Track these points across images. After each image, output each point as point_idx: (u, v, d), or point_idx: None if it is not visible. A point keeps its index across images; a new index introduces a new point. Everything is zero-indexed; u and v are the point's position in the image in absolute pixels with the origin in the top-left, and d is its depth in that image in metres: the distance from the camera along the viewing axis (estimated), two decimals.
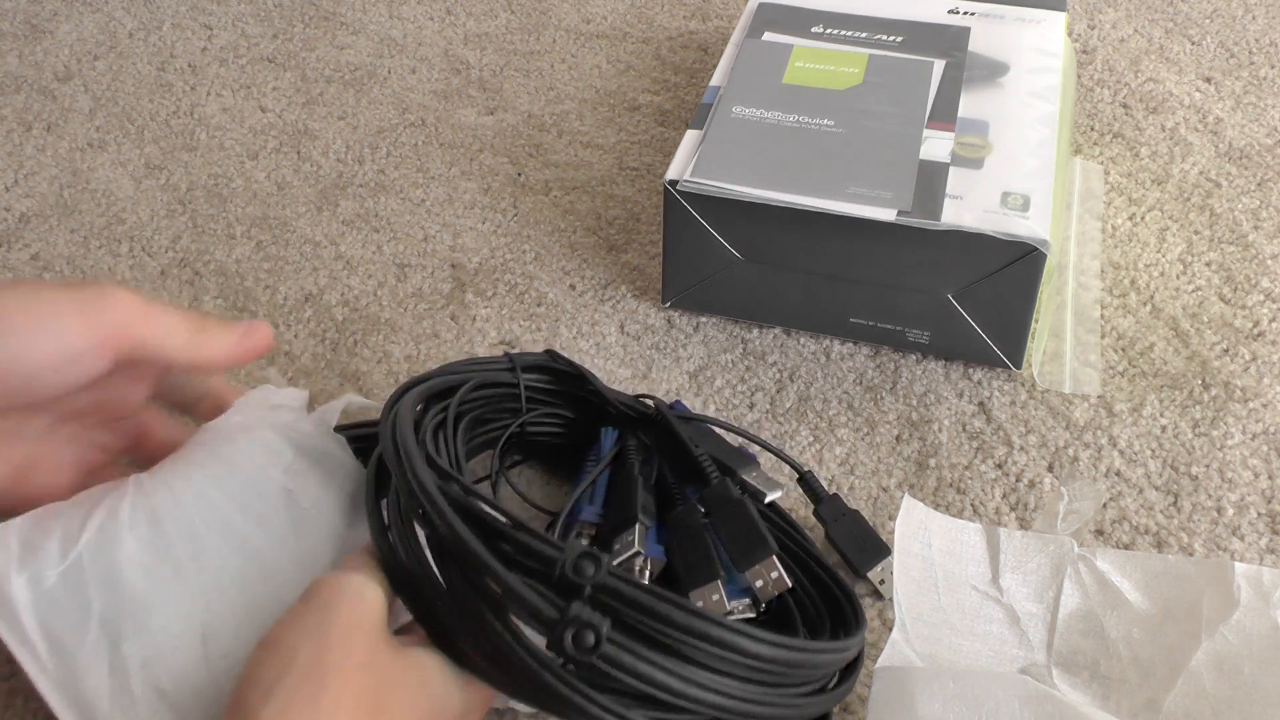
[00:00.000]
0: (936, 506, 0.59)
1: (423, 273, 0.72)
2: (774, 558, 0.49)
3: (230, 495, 0.49)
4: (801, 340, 0.68)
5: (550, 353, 0.58)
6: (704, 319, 0.69)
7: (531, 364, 0.57)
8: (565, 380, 0.58)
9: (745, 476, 0.54)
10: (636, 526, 0.50)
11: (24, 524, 0.47)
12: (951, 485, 0.60)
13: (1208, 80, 0.86)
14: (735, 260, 0.66)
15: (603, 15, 0.95)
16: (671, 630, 0.41)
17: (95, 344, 0.46)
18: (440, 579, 0.44)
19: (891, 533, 0.58)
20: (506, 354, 0.57)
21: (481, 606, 0.42)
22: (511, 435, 0.56)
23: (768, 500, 0.53)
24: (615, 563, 0.49)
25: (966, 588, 0.51)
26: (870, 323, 0.66)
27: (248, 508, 0.49)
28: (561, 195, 0.78)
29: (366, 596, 0.43)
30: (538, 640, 0.41)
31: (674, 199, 0.64)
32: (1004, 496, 0.59)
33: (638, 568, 0.50)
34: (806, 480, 0.57)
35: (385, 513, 0.47)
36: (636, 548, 0.50)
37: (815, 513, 0.57)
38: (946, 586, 0.51)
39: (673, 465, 0.55)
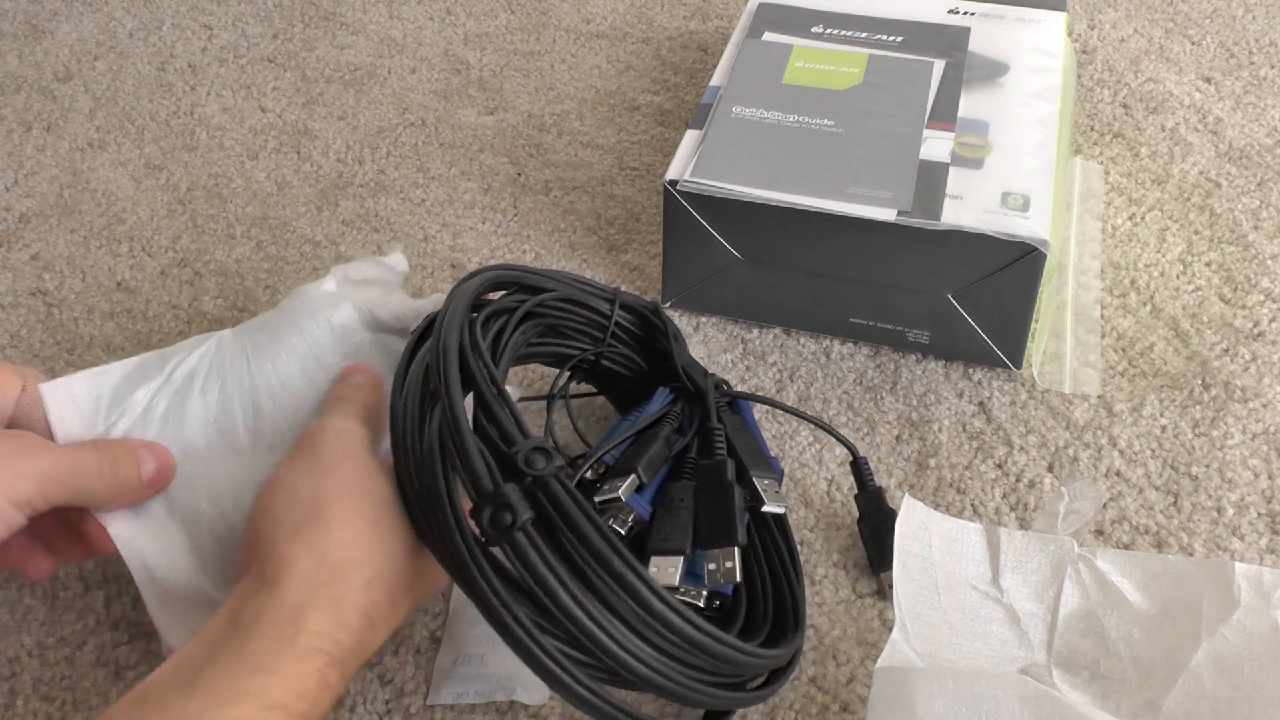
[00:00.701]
0: (936, 506, 0.59)
1: (423, 273, 0.72)
2: (735, 549, 0.49)
3: (297, 372, 0.54)
4: (801, 340, 0.68)
5: (655, 304, 0.60)
6: (704, 319, 0.69)
7: (630, 303, 0.59)
8: (651, 332, 0.59)
9: (756, 480, 0.53)
10: (630, 477, 0.52)
11: (110, 372, 0.52)
12: (951, 485, 0.60)
13: (1208, 80, 0.86)
14: (735, 260, 0.66)
15: (603, 15, 0.95)
16: (581, 549, 0.42)
17: (10, 508, 0.45)
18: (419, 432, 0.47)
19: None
20: (613, 289, 0.59)
21: (437, 462, 0.45)
22: (583, 361, 0.58)
23: (764, 509, 0.52)
24: (597, 500, 0.51)
25: (967, 588, 0.51)
26: (870, 323, 0.66)
27: (313, 382, 0.54)
28: (561, 195, 0.78)
29: (348, 432, 0.49)
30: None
31: (674, 199, 0.64)
32: (1004, 496, 0.59)
33: (617, 516, 0.51)
34: (858, 465, 0.58)
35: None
36: (619, 494, 0.51)
37: (856, 498, 0.57)
38: (947, 586, 0.51)
39: (701, 445, 0.55)
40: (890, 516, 0.56)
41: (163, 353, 0.53)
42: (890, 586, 0.54)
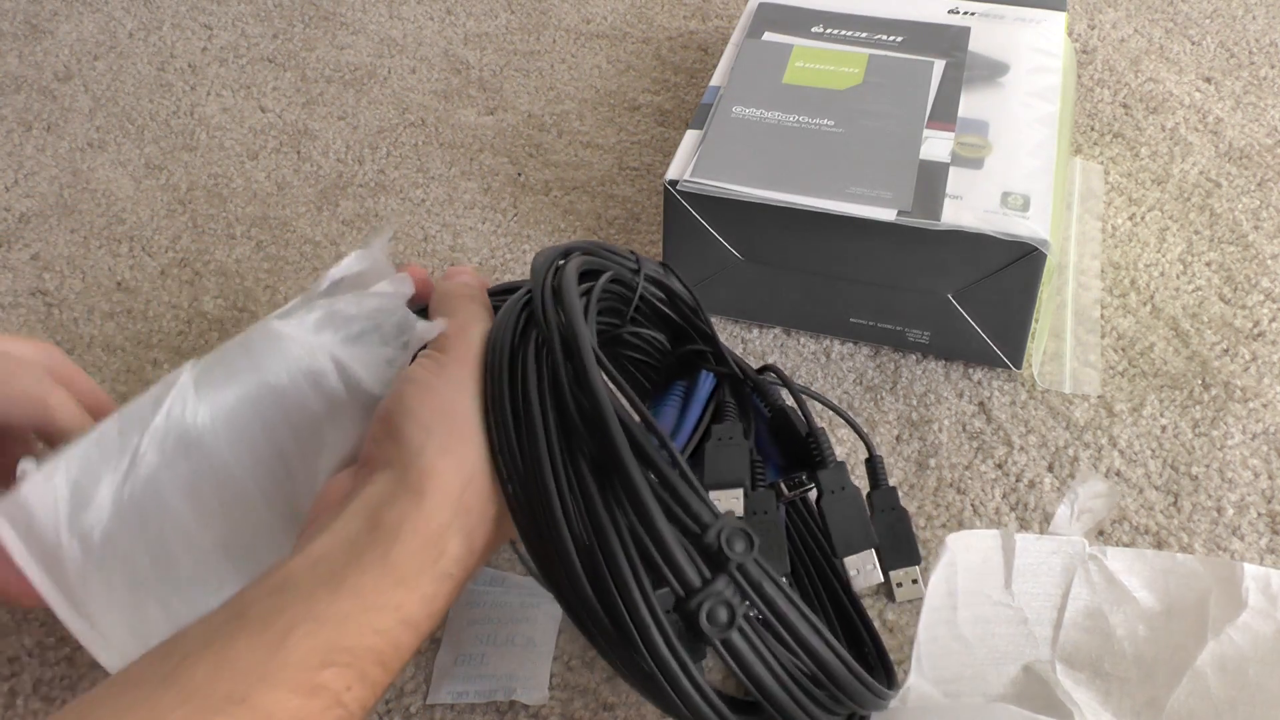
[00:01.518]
0: (936, 506, 0.59)
1: None
2: (873, 551, 0.49)
3: (268, 423, 0.48)
4: (801, 340, 0.68)
5: (667, 266, 0.54)
6: None
7: (657, 276, 0.53)
8: (675, 308, 0.53)
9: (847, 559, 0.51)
10: (740, 490, 0.48)
11: (70, 466, 0.46)
12: (951, 485, 0.60)
13: (1208, 80, 0.86)
14: (735, 260, 0.66)
15: (603, 15, 0.95)
16: (788, 638, 0.39)
17: None
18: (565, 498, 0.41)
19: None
20: (633, 253, 0.52)
21: (628, 574, 0.39)
22: (610, 339, 0.53)
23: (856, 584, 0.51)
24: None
25: (981, 598, 0.51)
26: (870, 323, 0.66)
27: (285, 428, 0.49)
28: (561, 195, 0.78)
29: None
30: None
31: (674, 199, 0.64)
32: (1004, 496, 0.59)
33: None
34: (873, 463, 0.56)
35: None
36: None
37: (868, 496, 0.56)
38: (966, 603, 0.51)
39: (775, 432, 0.53)
40: (903, 512, 0.55)
41: (121, 418, 0.47)
42: (899, 585, 0.54)
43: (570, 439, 0.42)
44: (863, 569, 0.49)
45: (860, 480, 0.58)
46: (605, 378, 0.41)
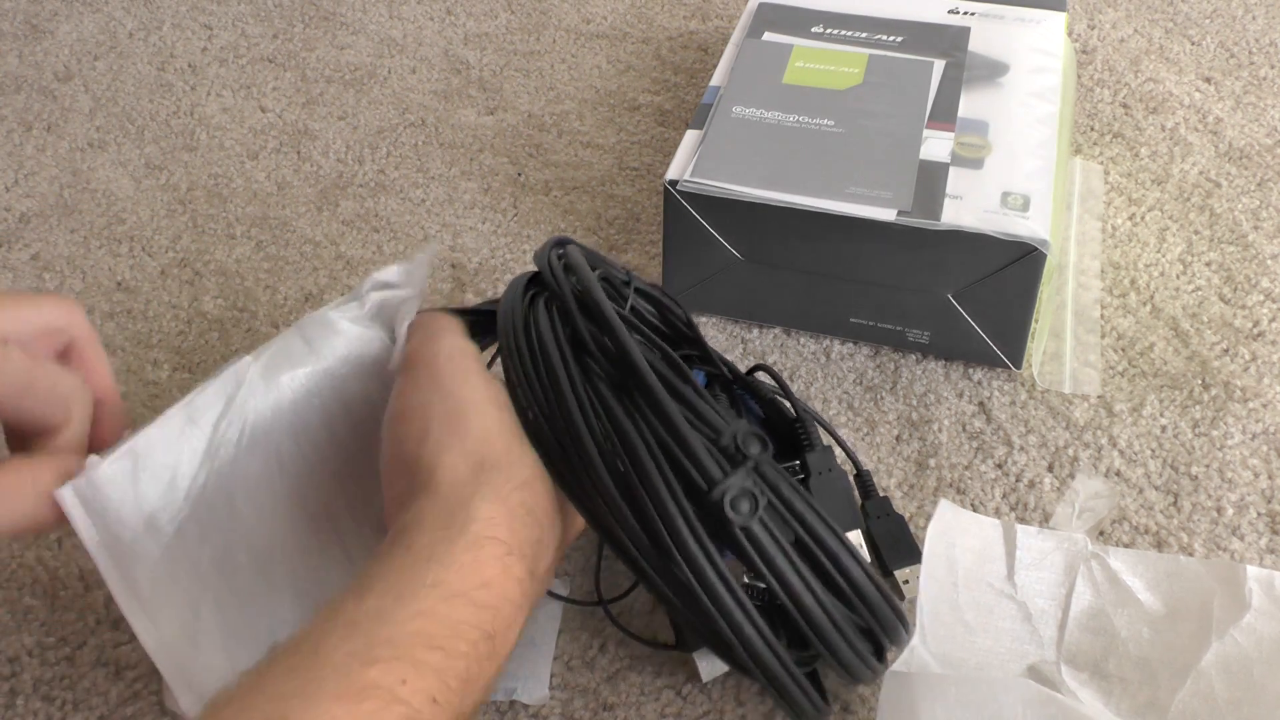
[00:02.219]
0: (936, 506, 0.59)
1: None
2: (859, 531, 0.52)
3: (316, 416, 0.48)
4: (801, 340, 0.68)
5: (662, 291, 0.57)
6: (704, 319, 0.69)
7: (647, 290, 0.55)
8: (667, 321, 0.56)
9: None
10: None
11: (142, 455, 0.45)
12: (951, 485, 0.60)
13: (1208, 80, 0.86)
14: (735, 260, 0.66)
15: (603, 15, 0.95)
16: (801, 530, 0.42)
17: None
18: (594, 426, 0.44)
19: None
20: (626, 270, 0.55)
21: (654, 471, 0.42)
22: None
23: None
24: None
25: (983, 585, 0.51)
26: (870, 323, 0.66)
27: (344, 420, 0.49)
28: (561, 195, 0.78)
29: (463, 350, 0.47)
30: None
31: (674, 199, 0.64)
32: (1004, 496, 0.59)
33: None
34: (862, 477, 0.58)
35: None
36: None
37: (862, 507, 0.57)
38: (966, 584, 0.51)
39: (773, 431, 0.55)
40: (899, 518, 0.56)
41: (189, 408, 0.46)
42: (905, 582, 0.55)
43: (586, 369, 0.44)
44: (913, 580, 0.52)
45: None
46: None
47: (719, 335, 0.68)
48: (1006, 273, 0.61)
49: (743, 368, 0.66)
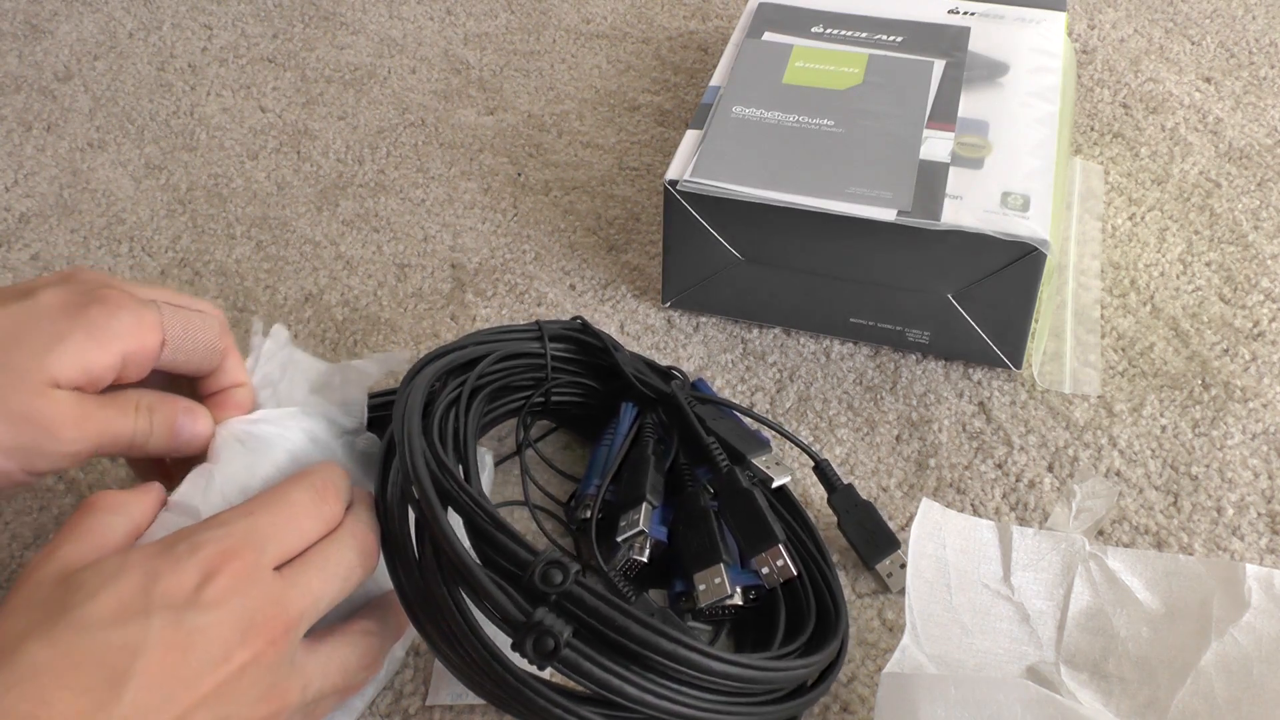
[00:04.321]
0: None
1: (423, 273, 0.72)
2: (780, 546, 0.51)
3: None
4: (801, 340, 0.68)
5: (582, 321, 0.59)
6: (704, 319, 0.69)
7: (559, 333, 0.59)
8: (591, 351, 0.59)
9: (755, 461, 0.55)
10: (643, 506, 0.52)
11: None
12: (951, 485, 0.60)
13: (1208, 80, 0.86)
14: (735, 260, 0.66)
15: (603, 15, 0.95)
16: (629, 643, 0.42)
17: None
18: (417, 557, 0.46)
19: (893, 531, 0.58)
20: (536, 322, 0.58)
21: (448, 598, 0.44)
22: (535, 404, 0.58)
23: (775, 485, 0.55)
24: (619, 539, 0.51)
25: (979, 586, 0.51)
26: (870, 323, 0.66)
27: None
28: (561, 195, 0.78)
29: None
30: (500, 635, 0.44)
31: (674, 199, 0.64)
32: (1004, 496, 0.59)
33: (635, 546, 0.52)
34: (822, 469, 0.58)
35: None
36: (640, 527, 0.52)
37: (829, 501, 0.57)
38: (959, 585, 0.51)
39: (686, 446, 0.56)
40: (868, 506, 0.56)
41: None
42: (889, 575, 0.55)
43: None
44: (772, 566, 0.51)
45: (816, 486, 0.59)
46: (430, 460, 0.46)
47: (719, 335, 0.68)
48: (1006, 273, 0.61)
49: (742, 368, 0.66)
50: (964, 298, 0.63)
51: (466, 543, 0.45)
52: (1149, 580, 0.51)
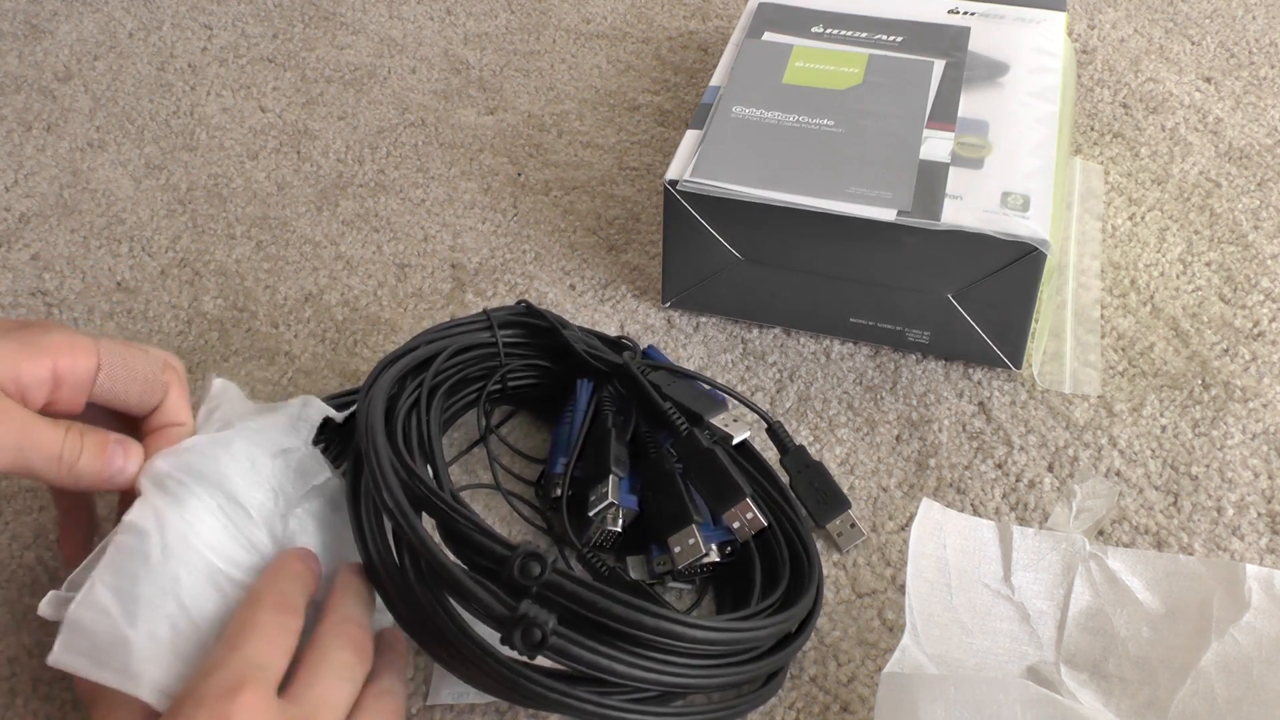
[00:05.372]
0: None
1: (423, 273, 0.72)
2: (747, 499, 0.53)
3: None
4: (801, 340, 0.68)
5: (526, 304, 0.61)
6: (704, 319, 0.69)
7: (507, 319, 0.60)
8: (541, 333, 0.60)
9: (713, 421, 0.56)
10: (610, 479, 0.54)
11: (103, 576, 0.45)
12: (951, 485, 0.60)
13: (1208, 80, 0.86)
14: (735, 260, 0.66)
15: (603, 15, 0.95)
16: (612, 623, 0.44)
17: None
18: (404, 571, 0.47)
19: (892, 531, 0.58)
20: (484, 311, 0.59)
21: (434, 603, 0.46)
22: (492, 391, 0.60)
23: (736, 442, 0.56)
24: (591, 513, 0.53)
25: (979, 586, 0.51)
26: (870, 323, 0.66)
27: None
28: (561, 195, 0.78)
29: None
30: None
31: (674, 199, 0.64)
32: (1004, 496, 0.59)
33: (608, 517, 0.54)
34: (774, 430, 0.59)
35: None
36: (609, 499, 0.53)
37: (780, 462, 0.59)
38: (959, 585, 0.51)
39: (645, 414, 0.58)
40: (819, 466, 0.58)
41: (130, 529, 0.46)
42: (839, 535, 0.57)
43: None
44: (742, 519, 0.53)
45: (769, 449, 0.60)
46: (399, 469, 0.47)
47: (719, 335, 0.68)
48: (1006, 273, 0.61)
49: (742, 368, 0.66)
50: (964, 298, 0.63)
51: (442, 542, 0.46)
52: (1149, 580, 0.51)
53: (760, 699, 0.50)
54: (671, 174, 0.65)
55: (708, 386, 0.60)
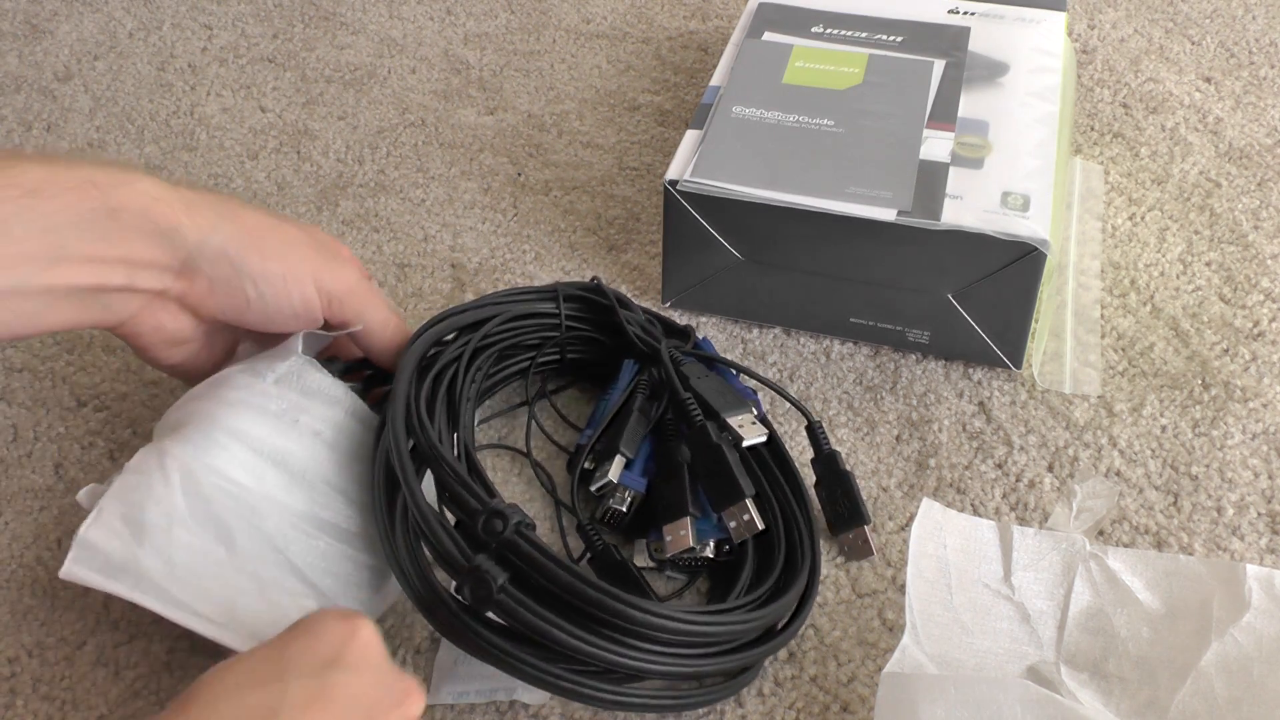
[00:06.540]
0: None
1: (423, 272, 0.72)
2: (746, 501, 0.53)
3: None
4: (801, 340, 0.68)
5: (597, 281, 0.63)
6: (704, 319, 0.69)
7: (573, 294, 0.62)
8: (602, 309, 0.62)
9: (729, 419, 0.56)
10: (616, 458, 0.56)
11: (113, 506, 0.50)
12: (951, 485, 0.60)
13: (1208, 80, 0.86)
14: (735, 260, 0.66)
15: (603, 15, 0.95)
16: (557, 589, 0.45)
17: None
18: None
19: (892, 531, 0.58)
20: (554, 284, 0.62)
21: (409, 542, 0.49)
22: (551, 361, 0.63)
23: (746, 445, 0.56)
24: (592, 488, 0.55)
25: (979, 586, 0.51)
26: (870, 323, 0.66)
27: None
28: (561, 195, 0.78)
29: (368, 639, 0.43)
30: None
31: (674, 199, 0.64)
32: (1004, 496, 0.59)
33: (615, 496, 0.55)
34: (813, 429, 0.59)
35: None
36: (609, 478, 0.56)
37: (811, 462, 0.59)
38: (959, 585, 0.51)
39: (677, 414, 0.58)
40: (848, 475, 0.57)
41: (155, 452, 0.52)
42: (847, 549, 0.56)
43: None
44: (739, 520, 0.53)
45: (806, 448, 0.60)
46: (410, 413, 0.51)
47: (719, 335, 0.68)
48: (1006, 273, 0.61)
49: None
50: (964, 298, 0.63)
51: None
52: (1149, 580, 0.51)
53: (721, 694, 0.50)
54: (671, 174, 0.65)
55: (752, 382, 0.61)
